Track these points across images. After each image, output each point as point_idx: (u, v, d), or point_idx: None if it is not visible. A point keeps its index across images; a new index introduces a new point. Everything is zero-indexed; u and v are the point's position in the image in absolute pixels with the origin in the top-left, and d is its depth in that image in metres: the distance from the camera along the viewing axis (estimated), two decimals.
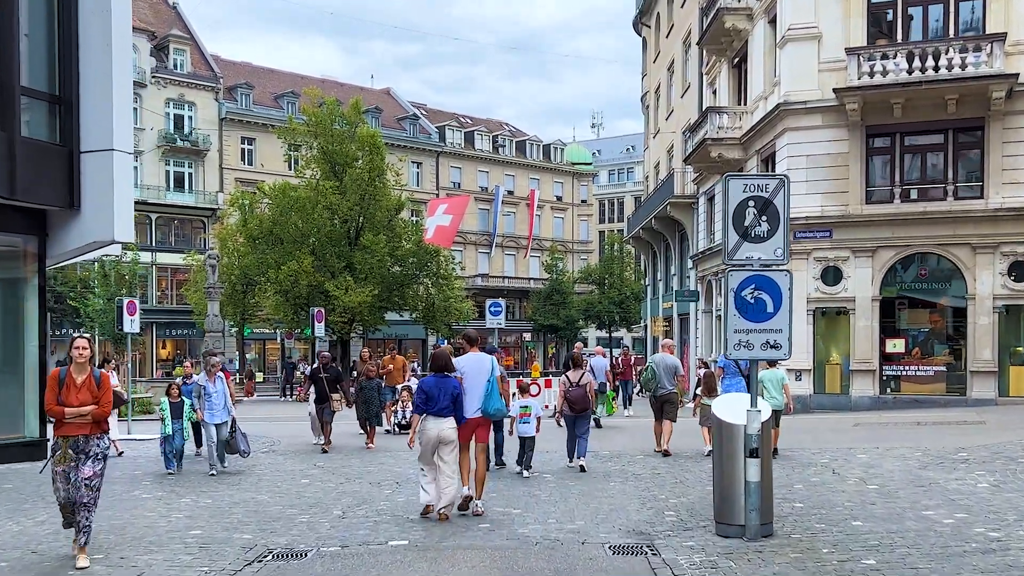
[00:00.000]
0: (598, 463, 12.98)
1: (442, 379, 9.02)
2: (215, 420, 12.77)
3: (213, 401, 12.79)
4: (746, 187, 7.91)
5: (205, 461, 13.22)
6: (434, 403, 8.87)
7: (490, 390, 9.25)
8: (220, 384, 13.00)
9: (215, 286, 32.53)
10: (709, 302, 31.71)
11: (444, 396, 8.89)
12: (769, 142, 24.03)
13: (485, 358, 9.54)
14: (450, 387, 8.97)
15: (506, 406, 11.64)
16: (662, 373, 14.28)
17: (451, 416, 8.93)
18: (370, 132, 38.20)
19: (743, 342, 7.89)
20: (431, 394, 8.91)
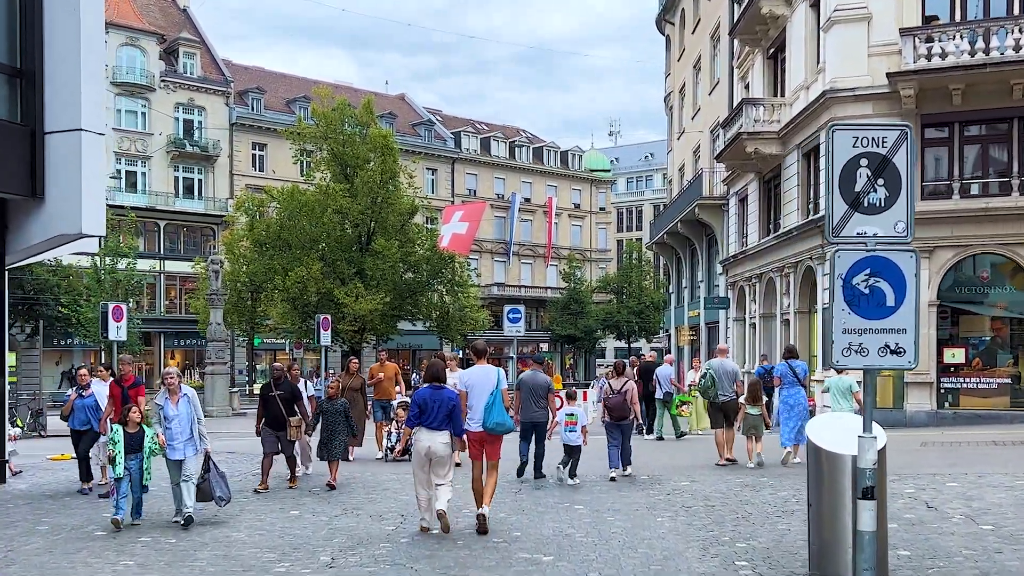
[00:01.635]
0: (638, 491, 11.11)
1: (436, 391, 8.66)
2: (176, 455, 9.37)
3: (173, 430, 9.37)
4: (857, 141, 6.00)
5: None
6: (427, 416, 8.53)
7: (491, 403, 8.83)
8: (185, 407, 9.44)
9: (218, 292, 30.87)
10: (741, 309, 29.76)
11: (439, 409, 8.54)
12: (812, 134, 22.13)
13: (491, 370, 9.18)
14: (444, 399, 8.62)
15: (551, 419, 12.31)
16: (722, 379, 13.81)
17: (446, 430, 8.58)
18: (382, 133, 36.52)
19: (854, 346, 5.99)
20: (424, 406, 8.58)
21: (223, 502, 9.64)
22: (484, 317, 41.77)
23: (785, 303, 24.53)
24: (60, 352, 46.44)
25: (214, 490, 9.49)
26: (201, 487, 9.45)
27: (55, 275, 36.43)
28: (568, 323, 62.85)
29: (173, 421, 9.40)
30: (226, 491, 9.66)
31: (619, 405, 12.24)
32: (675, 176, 41.62)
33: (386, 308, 34.75)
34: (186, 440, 9.46)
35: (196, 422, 9.54)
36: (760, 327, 26.91)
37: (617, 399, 12.27)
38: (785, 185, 24.38)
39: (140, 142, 50.99)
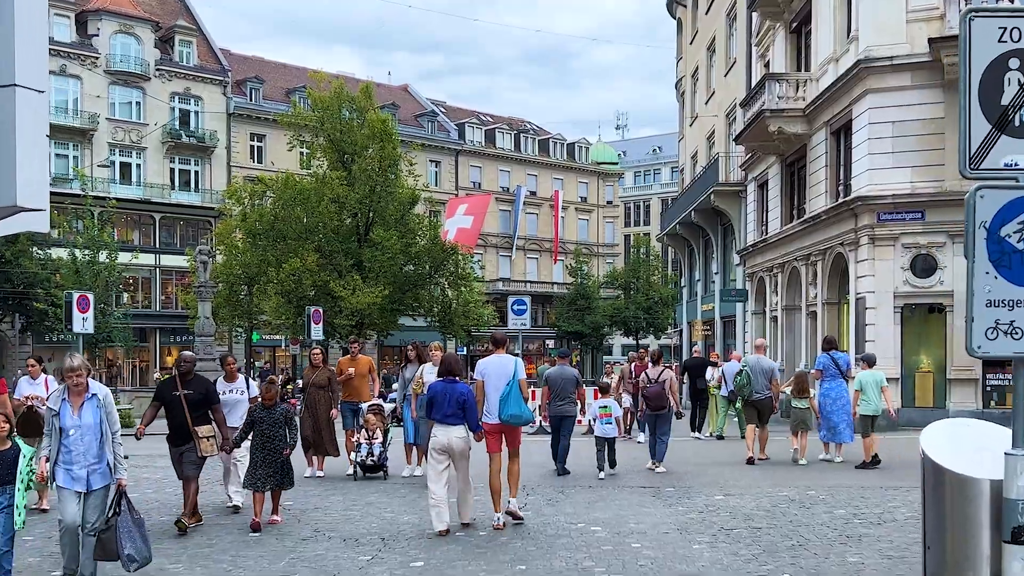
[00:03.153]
0: (665, 507, 9.42)
1: (449, 384, 8.35)
2: (75, 485, 6.39)
3: (71, 446, 6.40)
4: (1005, 33, 4.21)
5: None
6: (438, 409, 8.27)
7: (508, 394, 8.47)
8: (92, 414, 6.44)
9: (206, 285, 29.12)
10: (760, 302, 28.01)
11: (450, 403, 8.22)
12: (843, 110, 20.37)
13: (508, 360, 8.81)
14: (457, 393, 8.28)
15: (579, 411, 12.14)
16: (758, 377, 13.37)
17: (460, 424, 8.29)
18: (381, 118, 34.79)
19: (1003, 324, 4.21)
20: (435, 400, 8.31)
21: (133, 564, 6.33)
22: (489, 313, 40.03)
23: (811, 294, 22.78)
24: (53, 348, 44.92)
25: (121, 545, 6.27)
26: (103, 538, 6.31)
27: (44, 268, 34.87)
28: (575, 319, 61.32)
29: (72, 434, 6.40)
30: (141, 547, 6.38)
31: (657, 394, 12.07)
32: (687, 164, 39.86)
33: (385, 302, 33.04)
34: (91, 465, 6.40)
35: (108, 439, 6.46)
36: (783, 320, 25.15)
37: (655, 388, 12.12)
38: (811, 167, 22.63)
39: (134, 132, 49.41)
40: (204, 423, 8.70)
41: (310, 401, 12.01)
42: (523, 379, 8.72)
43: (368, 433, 11.83)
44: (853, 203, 19.19)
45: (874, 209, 18.79)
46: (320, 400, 11.95)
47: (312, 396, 12.00)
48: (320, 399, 11.95)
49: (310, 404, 11.99)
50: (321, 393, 12.00)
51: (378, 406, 12.14)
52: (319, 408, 11.93)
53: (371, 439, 11.81)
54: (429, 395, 8.55)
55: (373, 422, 11.82)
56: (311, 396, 12.00)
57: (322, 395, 11.99)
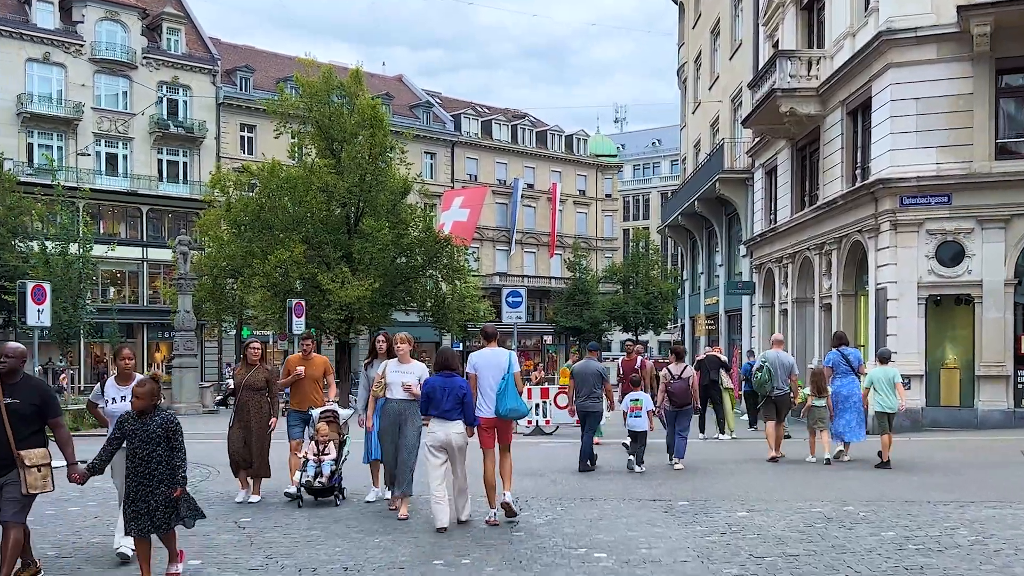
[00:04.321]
0: (680, 526, 8.07)
1: (447, 379, 8.18)
2: None
3: None
4: None
5: None
6: (436, 405, 8.09)
7: (504, 388, 8.42)
8: None
9: (186, 277, 27.85)
10: (768, 295, 26.66)
11: (448, 398, 8.08)
12: (862, 87, 19.01)
13: (502, 353, 8.73)
14: (456, 388, 8.14)
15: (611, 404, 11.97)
16: (778, 372, 13.10)
17: (459, 420, 8.14)
18: (371, 103, 33.35)
19: None
20: (433, 395, 8.14)
21: None
22: (485, 308, 38.67)
23: (825, 285, 21.42)
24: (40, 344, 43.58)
25: None
26: None
27: (26, 263, 33.46)
28: (573, 314, 60.23)
29: None
30: None
31: (682, 391, 12.05)
32: (690, 153, 38.52)
33: (375, 295, 31.61)
34: None
35: None
36: (793, 314, 23.81)
37: (680, 384, 12.07)
38: (825, 150, 21.27)
39: (121, 122, 48.06)
40: (35, 446, 6.18)
41: (241, 407, 9.70)
42: (518, 372, 8.67)
43: (318, 447, 9.59)
44: (873, 187, 17.83)
45: (896, 193, 17.43)
46: (254, 406, 9.65)
47: (244, 401, 9.67)
48: (254, 405, 9.65)
49: (241, 411, 9.70)
50: (255, 398, 9.66)
51: (332, 413, 9.95)
52: (252, 416, 9.63)
53: (321, 454, 9.55)
54: (426, 390, 8.22)
55: (325, 432, 9.61)
56: (242, 401, 9.68)
57: (257, 400, 9.66)
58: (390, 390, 8.62)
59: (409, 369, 8.69)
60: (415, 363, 8.84)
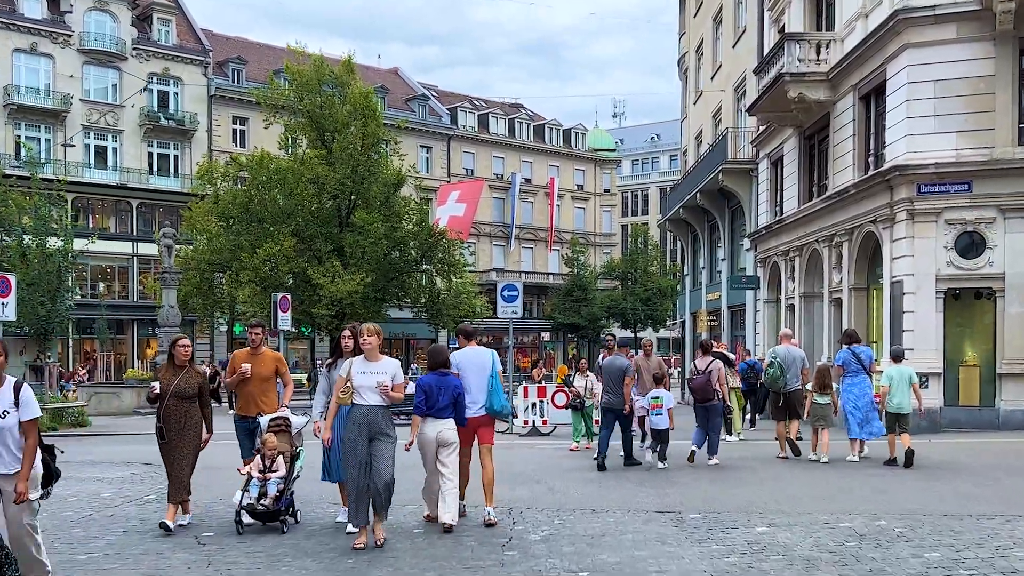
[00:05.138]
0: (693, 544, 7.12)
1: (442, 377, 7.93)
2: None
3: None
4: None
5: None
6: (433, 403, 7.79)
7: (494, 386, 8.32)
8: None
9: (171, 271, 26.92)
10: (774, 290, 25.73)
11: (444, 396, 7.84)
12: (875, 70, 18.07)
13: (484, 352, 8.59)
14: (451, 386, 7.92)
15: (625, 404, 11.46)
16: (789, 367, 12.84)
17: (451, 417, 7.90)
18: (363, 91, 32.48)
19: None
20: (431, 394, 7.81)
21: None
22: (482, 304, 37.81)
23: (835, 279, 20.49)
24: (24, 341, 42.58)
25: None
26: None
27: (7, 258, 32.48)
28: (571, 311, 59.38)
29: None
30: None
31: (702, 386, 11.97)
32: (691, 145, 37.56)
33: (368, 290, 30.81)
34: None
35: None
36: (800, 309, 22.86)
37: (700, 380, 12.00)
38: (835, 137, 20.33)
39: (111, 115, 47.08)
40: None
41: (167, 419, 7.86)
42: (501, 371, 8.50)
43: (264, 462, 7.96)
44: (888, 174, 16.89)
45: (913, 180, 16.49)
46: (183, 418, 7.88)
47: (170, 412, 7.83)
48: (183, 417, 7.87)
49: (166, 424, 7.87)
50: (184, 408, 7.87)
51: (283, 420, 8.26)
52: (175, 430, 7.85)
53: (267, 470, 7.94)
54: (423, 389, 7.81)
55: (272, 445, 7.98)
56: (168, 412, 7.83)
57: (186, 411, 7.89)
58: (358, 394, 7.23)
59: (380, 367, 7.31)
60: (385, 359, 7.48)
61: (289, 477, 8.01)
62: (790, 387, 12.81)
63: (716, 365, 12.19)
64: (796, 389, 12.85)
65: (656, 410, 11.82)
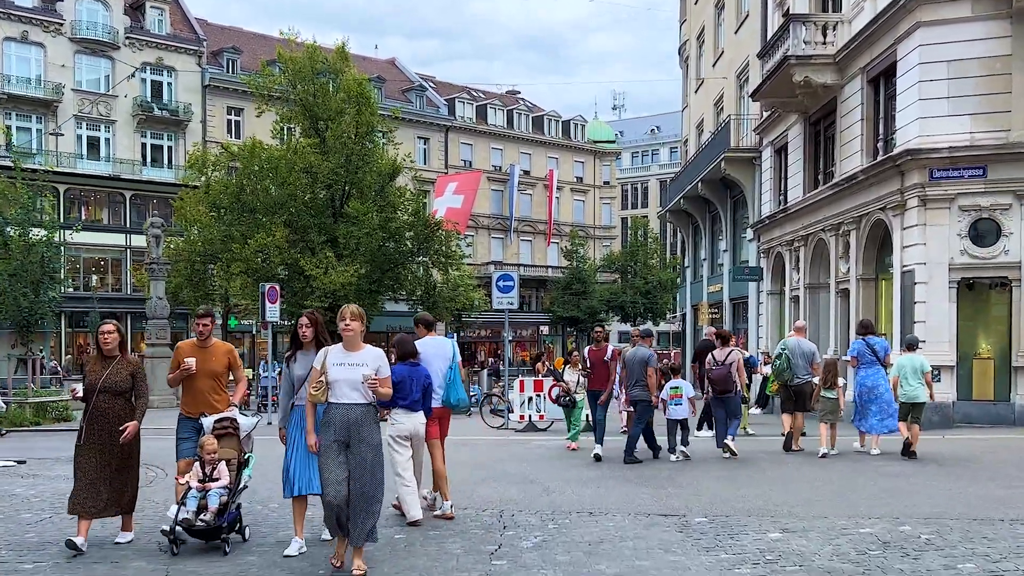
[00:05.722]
0: (700, 552, 6.47)
1: (412, 368, 7.60)
2: None
3: None
4: None
5: None
6: (407, 395, 7.45)
7: (453, 377, 8.17)
8: None
9: (159, 262, 26.25)
10: (777, 281, 25.08)
11: (416, 387, 7.53)
12: (885, 51, 17.40)
13: (445, 342, 8.39)
14: (421, 377, 7.63)
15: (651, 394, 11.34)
16: (798, 360, 12.59)
17: (421, 411, 7.61)
18: (356, 79, 31.74)
19: None
20: (403, 386, 7.38)
21: None
22: (480, 297, 37.11)
23: (842, 269, 19.84)
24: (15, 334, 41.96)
25: None
26: None
27: None
28: (570, 304, 58.72)
29: None
30: None
31: (723, 377, 11.80)
32: (692, 134, 36.88)
33: (362, 282, 30.11)
34: None
35: None
36: (805, 301, 22.21)
37: (721, 371, 11.81)
38: (843, 122, 19.65)
39: (103, 105, 46.33)
40: None
41: (95, 419, 6.81)
42: (460, 361, 8.38)
43: (204, 470, 6.78)
44: (899, 159, 16.22)
45: (925, 165, 15.83)
46: (115, 418, 6.81)
47: (99, 411, 6.79)
48: (115, 417, 6.81)
49: (94, 424, 6.80)
50: (118, 406, 6.84)
51: (230, 421, 7.09)
52: (106, 432, 6.79)
53: (207, 479, 6.74)
54: (396, 380, 7.10)
55: (212, 449, 6.78)
56: (97, 411, 6.79)
57: (120, 409, 6.85)
58: (335, 390, 6.02)
59: (361, 358, 6.08)
60: (368, 348, 6.21)
61: (235, 488, 6.80)
62: (799, 380, 12.56)
63: (735, 356, 12.07)
64: (805, 382, 12.57)
65: (676, 400, 11.71)
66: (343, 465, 5.93)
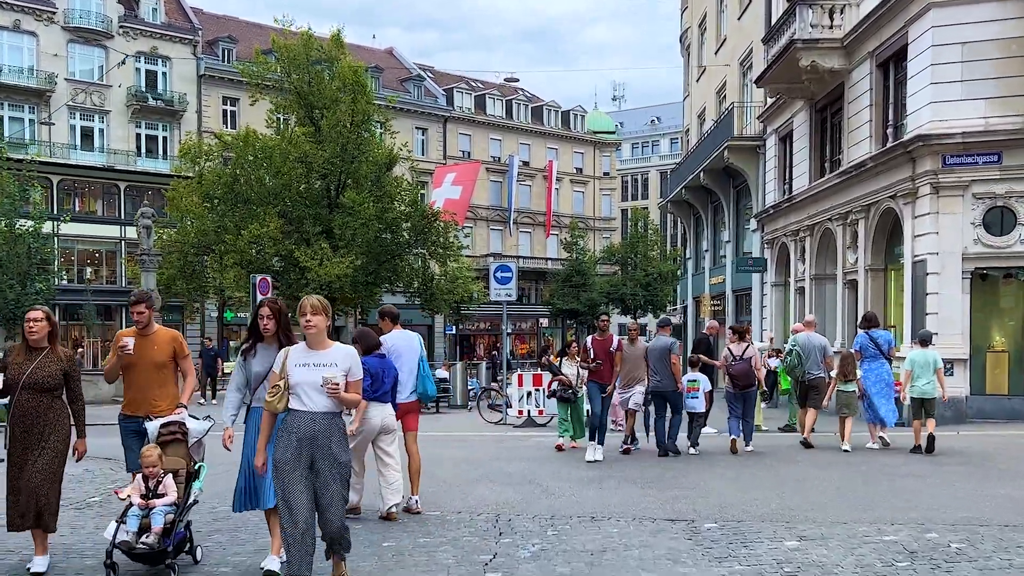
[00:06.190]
0: (713, 568, 5.95)
1: (381, 360, 7.42)
2: None
3: None
4: None
5: None
6: (379, 387, 7.31)
7: (424, 370, 8.11)
8: None
9: (150, 253, 25.68)
10: (782, 272, 24.55)
11: (388, 379, 7.41)
12: (896, 34, 16.84)
13: (412, 335, 8.22)
14: (391, 369, 7.52)
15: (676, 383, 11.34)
16: (810, 355, 12.40)
17: (389, 403, 7.49)
18: (352, 66, 31.17)
19: None
20: (377, 377, 7.23)
21: None
22: (479, 289, 36.60)
23: (850, 260, 19.31)
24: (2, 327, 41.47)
25: None
26: None
27: None
28: (570, 296, 58.12)
29: None
30: None
31: (745, 372, 11.65)
32: (693, 124, 36.31)
33: (358, 274, 29.57)
34: None
35: None
36: (811, 292, 21.68)
37: (742, 366, 11.66)
38: (851, 108, 19.10)
39: (97, 95, 45.70)
40: None
41: (19, 419, 5.79)
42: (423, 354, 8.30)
43: (145, 484, 5.77)
44: (911, 145, 15.68)
45: (938, 151, 15.29)
46: (41, 417, 5.81)
47: (23, 409, 5.78)
48: (41, 416, 5.81)
49: (18, 426, 5.79)
50: (44, 404, 5.84)
51: (178, 426, 6.04)
52: (31, 433, 5.78)
53: (150, 494, 5.75)
54: (369, 371, 6.92)
55: (153, 461, 5.76)
56: (20, 410, 5.78)
57: (46, 408, 5.84)
58: (297, 396, 5.05)
59: (327, 358, 5.11)
60: (336, 347, 5.23)
61: (183, 504, 5.81)
62: (811, 375, 12.36)
63: (753, 350, 12.00)
64: (817, 377, 12.37)
65: (692, 393, 11.66)
66: (306, 487, 4.97)
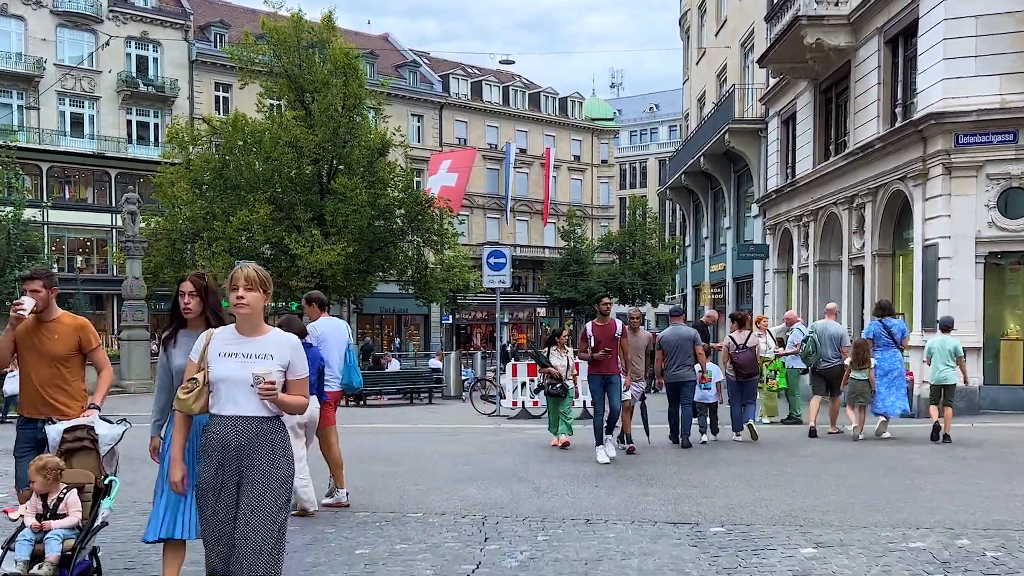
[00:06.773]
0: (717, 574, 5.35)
1: (308, 349, 6.22)
2: None
3: None
4: None
5: None
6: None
7: (351, 360, 7.90)
8: None
9: (135, 240, 25.03)
10: (784, 259, 23.90)
11: (312, 369, 5.91)
12: (905, 8, 16.14)
13: (340, 323, 8.15)
14: (316, 359, 6.96)
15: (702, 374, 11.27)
16: (825, 343, 12.31)
17: (315, 394, 6.81)
18: (343, 48, 30.43)
19: None
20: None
21: None
22: (475, 278, 35.96)
23: (856, 245, 18.65)
24: None
25: None
26: None
27: None
28: (568, 285, 57.52)
29: None
30: None
31: (750, 361, 11.63)
32: (693, 108, 35.58)
33: (350, 261, 28.90)
34: None
35: None
36: (815, 279, 21.03)
37: (747, 354, 11.60)
38: (857, 87, 18.41)
39: (87, 80, 44.93)
40: None
41: None
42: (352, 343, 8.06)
43: (43, 502, 4.72)
44: (921, 124, 15.01)
45: (951, 130, 14.62)
46: None
47: None
48: None
49: None
50: None
51: (86, 431, 4.95)
52: None
53: (49, 515, 4.69)
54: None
55: (52, 474, 4.71)
56: None
57: None
58: (218, 396, 3.90)
59: (262, 347, 3.91)
60: (274, 333, 4.02)
61: (88, 527, 4.76)
62: (826, 364, 12.26)
63: (756, 339, 11.97)
64: (835, 366, 12.24)
65: (705, 384, 11.53)
66: (228, 509, 3.83)
